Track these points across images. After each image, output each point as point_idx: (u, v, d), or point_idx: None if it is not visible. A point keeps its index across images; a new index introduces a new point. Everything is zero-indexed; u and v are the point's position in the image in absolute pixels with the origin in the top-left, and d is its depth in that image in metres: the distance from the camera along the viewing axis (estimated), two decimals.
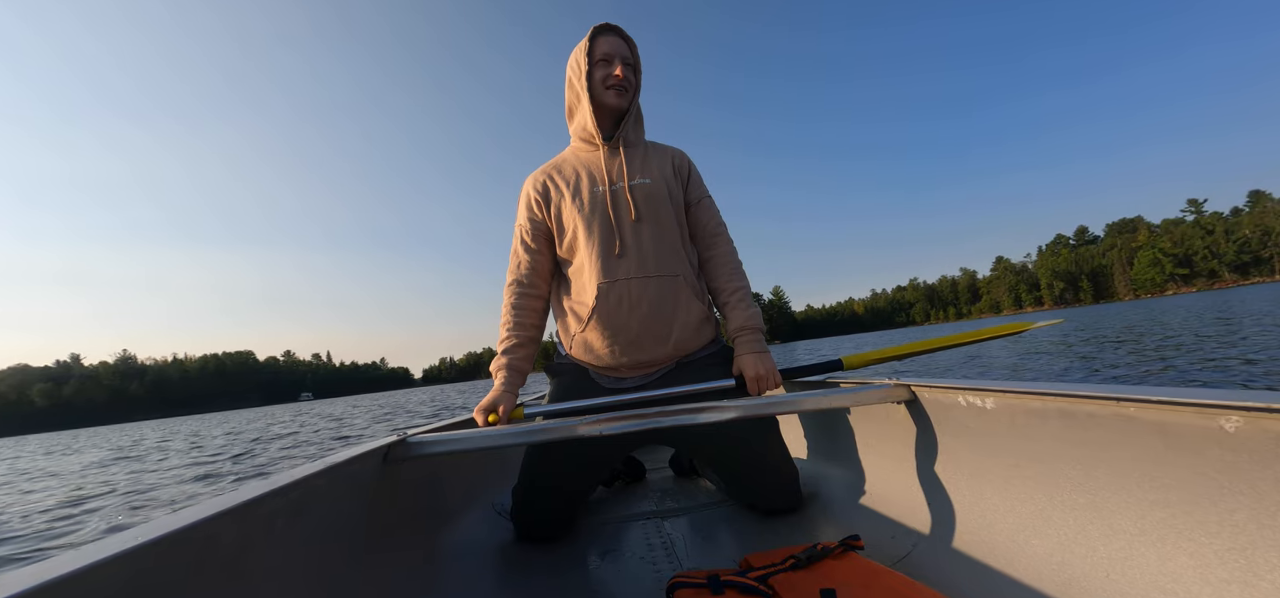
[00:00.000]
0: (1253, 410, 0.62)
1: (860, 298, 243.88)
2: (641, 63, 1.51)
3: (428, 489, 1.33)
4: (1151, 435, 0.73)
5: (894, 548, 1.11)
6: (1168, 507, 0.71)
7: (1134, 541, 0.75)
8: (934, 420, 1.16)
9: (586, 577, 1.17)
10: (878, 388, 1.22)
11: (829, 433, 1.65)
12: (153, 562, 0.54)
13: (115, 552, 0.51)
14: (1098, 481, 0.81)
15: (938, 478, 1.13)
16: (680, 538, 1.35)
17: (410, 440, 1.14)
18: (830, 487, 1.50)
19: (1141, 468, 0.75)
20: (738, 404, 1.14)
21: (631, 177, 1.44)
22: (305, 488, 0.83)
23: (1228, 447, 0.65)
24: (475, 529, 1.42)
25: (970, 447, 1.06)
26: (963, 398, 1.06)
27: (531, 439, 1.15)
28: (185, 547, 0.59)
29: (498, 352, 1.44)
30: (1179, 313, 19.35)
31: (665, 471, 2.09)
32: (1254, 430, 0.62)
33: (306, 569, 0.83)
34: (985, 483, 1.01)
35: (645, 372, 1.43)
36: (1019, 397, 0.93)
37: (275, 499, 0.75)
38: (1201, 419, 0.67)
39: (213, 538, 0.63)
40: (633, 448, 1.95)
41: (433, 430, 1.27)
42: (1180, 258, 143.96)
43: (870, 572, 0.92)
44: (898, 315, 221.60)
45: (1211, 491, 0.67)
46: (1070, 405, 0.84)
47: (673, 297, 1.39)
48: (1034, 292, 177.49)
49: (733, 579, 0.91)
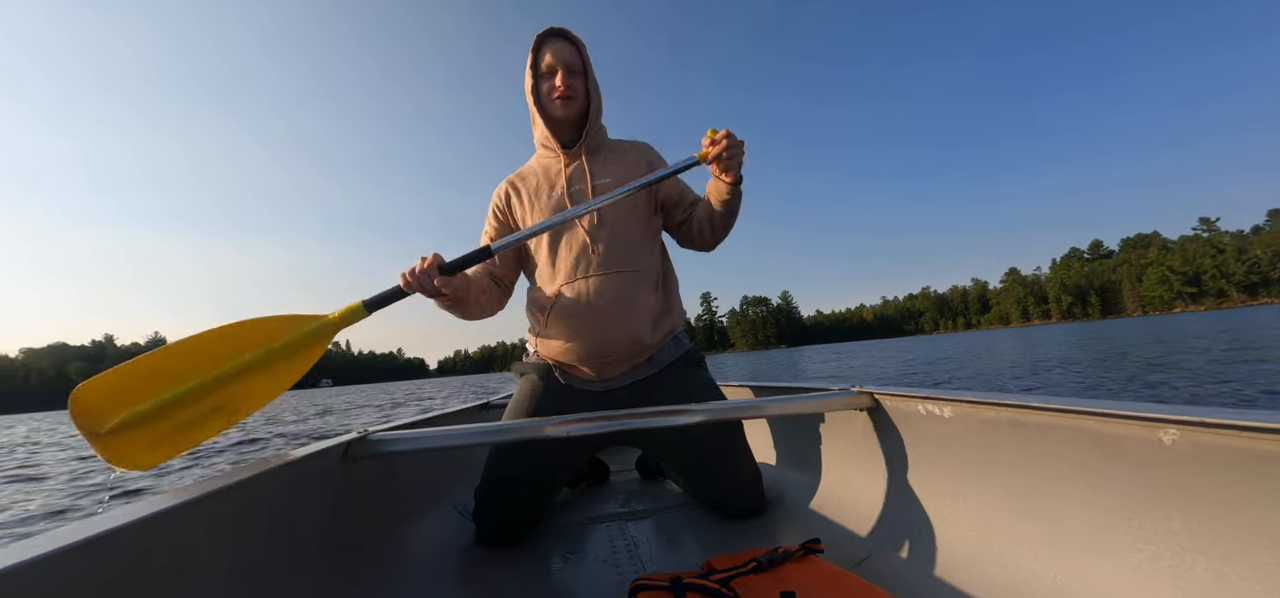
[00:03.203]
0: (1188, 425, 0.65)
1: (871, 304, 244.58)
2: (592, 65, 1.47)
3: (388, 488, 1.31)
4: (1097, 446, 0.76)
5: (854, 552, 1.12)
6: (1111, 516, 0.75)
7: (1080, 548, 0.78)
8: (895, 428, 1.18)
9: (548, 579, 1.17)
10: (840, 395, 1.25)
11: (793, 438, 1.69)
12: (76, 568, 0.50)
13: (33, 556, 0.47)
14: (1047, 489, 0.84)
15: (897, 484, 1.16)
16: (644, 540, 1.34)
17: (371, 437, 1.12)
18: (793, 491, 1.52)
19: (1088, 477, 0.78)
20: (704, 408, 1.16)
21: (587, 181, 1.44)
22: (255, 486, 0.80)
23: (1165, 459, 0.68)
24: (436, 530, 1.40)
25: (929, 454, 1.09)
26: (922, 407, 1.09)
27: (496, 439, 1.14)
28: (114, 553, 0.55)
29: None
30: (1152, 332, 20.10)
31: (630, 472, 2.10)
32: (1188, 444, 0.66)
33: (258, 572, 0.80)
34: (942, 490, 1.05)
35: (612, 373, 1.43)
36: (975, 407, 0.97)
37: (220, 499, 0.72)
38: (1143, 431, 0.70)
39: (147, 542, 0.59)
40: (598, 449, 1.93)
41: (394, 428, 1.26)
42: (1189, 276, 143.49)
43: (830, 575, 0.94)
44: (907, 324, 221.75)
45: (1150, 501, 0.70)
46: (1022, 416, 0.87)
47: (631, 293, 1.40)
48: (1042, 305, 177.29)
49: (695, 582, 0.92)
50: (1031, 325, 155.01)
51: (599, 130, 1.53)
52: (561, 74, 1.41)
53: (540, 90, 1.45)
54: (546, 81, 1.44)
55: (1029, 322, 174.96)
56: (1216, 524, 0.64)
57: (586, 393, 1.44)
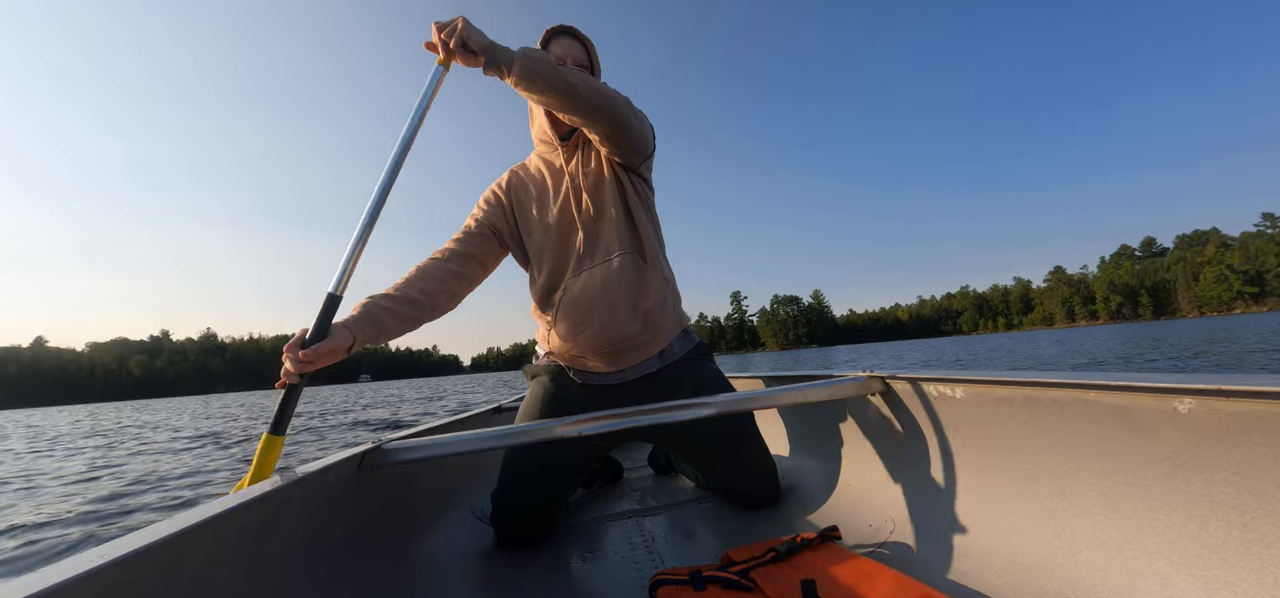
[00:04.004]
0: (1204, 393, 0.65)
1: (907, 304, 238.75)
2: (600, 62, 1.50)
3: (405, 497, 1.32)
4: (1111, 419, 0.77)
5: (871, 537, 1.13)
6: (1127, 487, 0.75)
7: (1098, 521, 0.78)
8: (907, 411, 1.18)
9: (569, 579, 1.17)
10: (852, 380, 1.25)
11: (806, 426, 1.69)
12: (118, 581, 0.53)
13: (81, 572, 0.49)
14: (1063, 464, 0.84)
15: (912, 467, 1.16)
16: (661, 536, 1.35)
17: (385, 447, 1.13)
18: (808, 479, 1.52)
19: (1103, 450, 0.78)
20: (716, 400, 1.16)
21: (583, 168, 1.45)
22: (276, 500, 0.82)
23: (1181, 428, 0.68)
24: (455, 535, 1.40)
25: (942, 436, 1.09)
26: (934, 389, 1.10)
27: (510, 442, 1.15)
28: (152, 565, 0.57)
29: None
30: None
31: (643, 469, 2.09)
32: (1205, 412, 0.66)
33: (281, 584, 0.81)
34: (957, 470, 1.05)
35: (623, 363, 1.44)
36: (987, 386, 0.97)
37: (245, 512, 0.74)
38: (1157, 402, 0.71)
39: (180, 555, 0.61)
40: (611, 447, 1.88)
41: (408, 436, 1.27)
42: (1250, 275, 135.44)
43: (849, 561, 0.94)
44: (944, 324, 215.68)
45: (1167, 470, 0.70)
46: (1035, 393, 0.88)
47: (635, 271, 1.40)
48: (1089, 305, 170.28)
49: (715, 574, 0.92)
50: (1077, 326, 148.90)
51: None
52: (569, 64, 1.42)
53: None
54: None
55: (1074, 323, 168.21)
56: (1239, 489, 0.63)
57: (598, 390, 1.45)
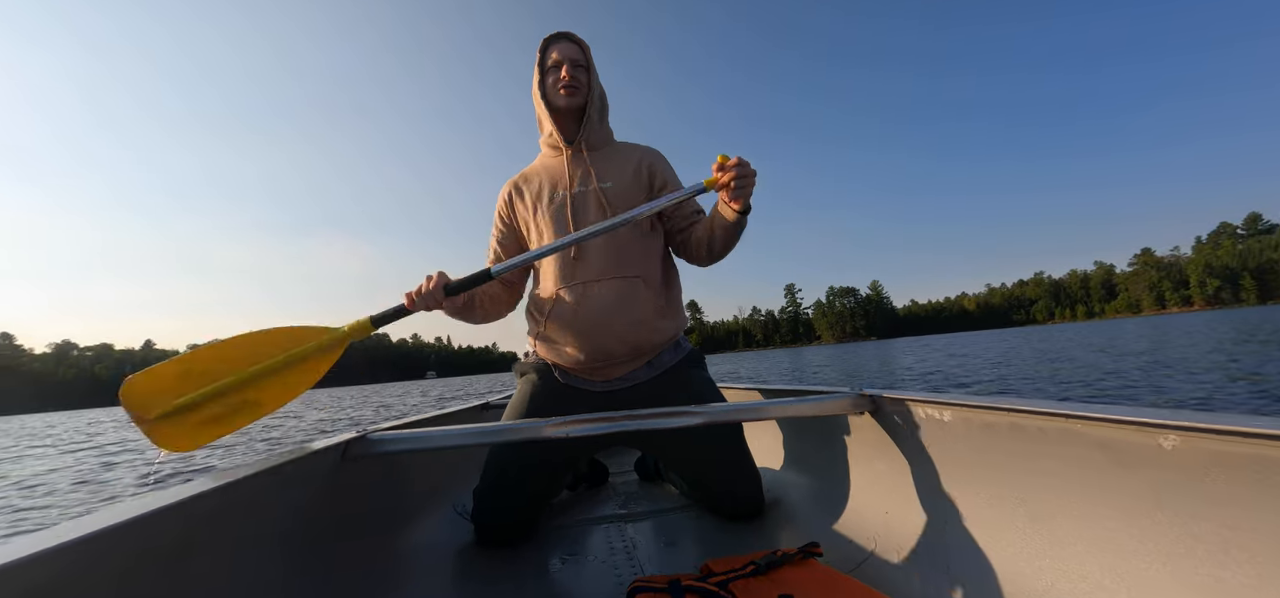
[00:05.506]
0: (1189, 430, 0.66)
1: (974, 293, 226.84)
2: (595, 65, 1.52)
3: (387, 488, 1.31)
4: (1095, 451, 0.77)
5: (852, 555, 1.12)
6: (1107, 520, 0.75)
7: (1076, 552, 0.79)
8: (894, 431, 1.18)
9: (547, 580, 1.17)
10: (841, 397, 1.25)
11: (793, 441, 1.70)
12: (78, 563, 0.51)
13: (34, 552, 0.48)
14: (1044, 493, 0.85)
15: (896, 487, 1.16)
16: (642, 542, 1.34)
17: (370, 437, 1.13)
18: (792, 494, 1.52)
19: (1085, 480, 0.79)
20: (704, 410, 1.17)
21: (590, 181, 1.46)
22: (254, 485, 0.81)
23: (1163, 464, 0.69)
24: (435, 530, 1.40)
25: (928, 458, 1.09)
26: (922, 410, 1.10)
27: (496, 439, 1.14)
28: (116, 547, 0.55)
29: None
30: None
31: (629, 474, 2.10)
32: (1188, 449, 0.66)
33: (255, 570, 0.80)
34: (940, 493, 1.05)
35: (611, 375, 1.44)
36: (975, 410, 0.97)
37: (219, 496, 0.73)
38: (1142, 437, 0.71)
39: (149, 537, 0.60)
40: (598, 450, 1.93)
41: (394, 427, 1.26)
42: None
43: (828, 579, 0.94)
44: (1016, 313, 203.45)
45: (1147, 506, 0.71)
46: (1020, 420, 0.88)
47: (630, 297, 1.41)
48: (1182, 290, 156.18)
49: (693, 585, 0.92)
50: (1168, 313, 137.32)
51: (601, 129, 1.56)
52: (567, 67, 1.45)
53: (546, 84, 1.49)
54: (552, 75, 1.48)
55: (1165, 310, 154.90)
56: (1218, 528, 0.64)
57: (586, 394, 1.46)
